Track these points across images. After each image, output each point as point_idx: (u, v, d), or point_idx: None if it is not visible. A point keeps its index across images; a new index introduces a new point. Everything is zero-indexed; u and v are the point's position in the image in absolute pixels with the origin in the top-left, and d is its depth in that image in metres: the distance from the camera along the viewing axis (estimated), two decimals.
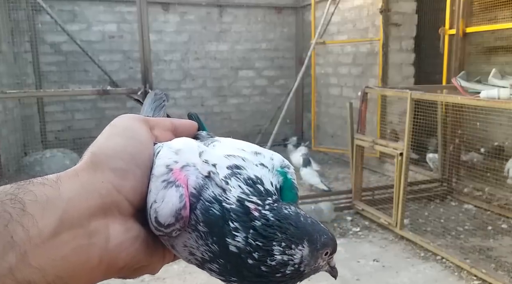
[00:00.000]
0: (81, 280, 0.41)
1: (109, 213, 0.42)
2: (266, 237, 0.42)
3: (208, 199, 0.43)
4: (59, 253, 0.38)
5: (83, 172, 0.43)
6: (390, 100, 5.28)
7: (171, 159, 0.46)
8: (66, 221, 0.39)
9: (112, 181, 0.43)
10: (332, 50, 6.72)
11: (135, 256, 0.44)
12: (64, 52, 6.49)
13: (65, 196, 0.40)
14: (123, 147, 0.46)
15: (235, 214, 0.42)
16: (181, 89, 7.31)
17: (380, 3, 5.35)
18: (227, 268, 0.43)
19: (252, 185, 0.44)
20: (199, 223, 0.43)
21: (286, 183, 0.50)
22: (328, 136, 7.01)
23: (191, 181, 0.44)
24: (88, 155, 0.45)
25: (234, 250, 0.42)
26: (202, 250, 0.44)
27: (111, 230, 0.42)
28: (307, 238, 0.43)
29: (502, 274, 2.98)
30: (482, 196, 4.34)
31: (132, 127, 0.49)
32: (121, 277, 0.48)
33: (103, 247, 0.41)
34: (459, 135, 4.33)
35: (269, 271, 0.42)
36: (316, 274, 0.48)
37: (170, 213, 0.43)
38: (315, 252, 0.44)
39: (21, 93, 5.10)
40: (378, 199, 4.26)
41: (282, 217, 0.43)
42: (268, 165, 0.48)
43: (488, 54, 4.43)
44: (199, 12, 7.20)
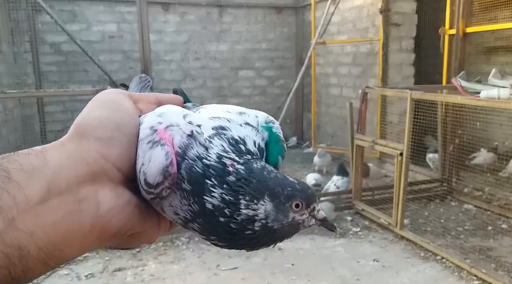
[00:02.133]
0: (74, 247, 0.41)
1: (98, 180, 0.42)
2: (235, 191, 0.42)
3: (192, 157, 0.44)
4: (49, 219, 0.38)
5: (68, 142, 0.44)
6: (390, 100, 5.28)
7: (155, 121, 0.46)
8: (53, 188, 0.39)
9: (98, 149, 0.44)
10: (332, 50, 6.72)
11: (127, 222, 0.44)
12: (64, 52, 6.49)
13: (52, 165, 0.40)
14: (107, 117, 0.46)
15: (213, 170, 0.43)
16: None
17: (380, 3, 5.35)
18: (205, 227, 0.44)
19: (235, 145, 0.45)
20: (183, 182, 0.43)
21: (271, 137, 0.51)
22: (328, 136, 7.01)
23: (176, 140, 0.44)
24: (72, 127, 0.46)
25: (210, 207, 0.42)
26: (185, 210, 0.44)
27: (101, 196, 0.42)
28: (268, 192, 0.43)
29: (502, 274, 2.98)
30: (482, 196, 4.34)
31: (115, 99, 0.49)
32: (118, 246, 0.48)
33: (94, 213, 0.41)
34: (459, 135, 4.33)
35: (238, 228, 0.43)
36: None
37: (158, 172, 0.43)
38: (281, 206, 0.43)
39: (21, 93, 5.10)
40: (378, 199, 4.25)
41: (250, 171, 0.43)
42: (253, 123, 0.49)
43: (488, 54, 4.43)
44: (199, 12, 7.20)
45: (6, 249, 0.36)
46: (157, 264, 3.27)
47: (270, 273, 3.12)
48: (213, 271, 3.15)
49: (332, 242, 3.64)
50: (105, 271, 3.17)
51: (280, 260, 3.32)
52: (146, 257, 3.38)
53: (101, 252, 3.44)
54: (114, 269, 3.19)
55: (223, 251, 3.44)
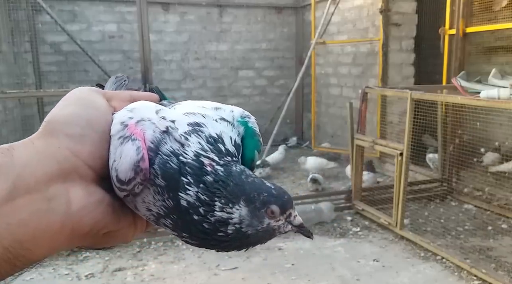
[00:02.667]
0: (43, 246, 0.40)
1: (69, 178, 0.41)
2: (212, 192, 0.42)
3: (166, 153, 0.43)
4: (15, 218, 0.37)
5: (37, 139, 0.43)
6: (390, 100, 5.28)
7: (125, 116, 0.45)
8: (20, 186, 0.38)
9: (68, 146, 0.42)
10: (332, 50, 6.72)
11: (100, 220, 0.43)
12: (64, 52, 6.49)
13: (19, 163, 0.39)
14: (78, 114, 0.45)
15: (190, 168, 0.42)
16: (181, 89, 7.31)
17: (380, 3, 5.35)
18: (178, 224, 0.43)
19: (213, 143, 0.44)
20: (157, 177, 0.43)
21: (247, 131, 0.50)
22: (328, 136, 7.01)
23: (148, 135, 0.44)
24: (42, 125, 0.45)
25: (185, 204, 0.42)
26: (159, 205, 0.43)
27: (72, 195, 0.41)
28: (243, 197, 0.42)
29: (502, 274, 2.98)
30: (482, 196, 4.34)
31: (87, 97, 0.48)
32: (92, 245, 0.47)
33: (64, 211, 0.40)
34: (459, 135, 4.33)
35: (211, 229, 0.42)
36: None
37: (129, 167, 0.42)
38: (256, 211, 0.42)
39: (21, 93, 5.10)
40: (378, 199, 4.25)
41: (228, 174, 0.43)
42: (228, 118, 0.49)
43: (488, 54, 4.43)
44: (199, 12, 7.20)
45: None
46: (157, 264, 3.27)
47: (270, 273, 3.12)
48: (213, 271, 3.15)
49: (332, 242, 3.64)
50: (105, 271, 3.17)
51: (280, 260, 3.32)
52: (146, 257, 3.38)
53: (101, 252, 3.45)
54: (114, 269, 3.19)
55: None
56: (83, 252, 3.43)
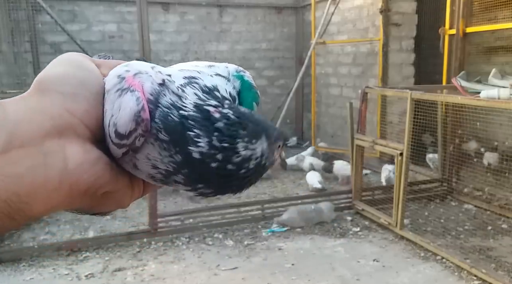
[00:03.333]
0: (41, 201, 0.39)
1: (64, 135, 0.40)
2: (230, 136, 0.41)
3: (166, 105, 0.42)
4: (12, 170, 0.37)
5: (29, 97, 0.41)
6: (390, 100, 5.29)
7: (122, 70, 0.44)
8: (15, 140, 0.38)
9: (63, 104, 0.41)
10: (332, 50, 6.72)
11: (98, 178, 0.42)
12: (64, 52, 6.44)
13: (12, 118, 0.38)
14: (71, 73, 0.44)
15: (193, 120, 0.41)
16: None
17: (380, 3, 5.35)
18: (191, 177, 0.42)
19: (208, 92, 0.44)
20: (160, 131, 0.42)
21: (244, 84, 0.50)
22: (328, 136, 7.01)
23: (147, 87, 0.43)
24: (33, 83, 0.43)
25: (197, 156, 0.41)
26: (166, 162, 0.42)
27: (69, 151, 0.40)
28: (265, 133, 0.43)
29: (502, 274, 2.98)
30: (482, 196, 4.34)
31: (77, 59, 0.47)
32: (90, 208, 0.46)
33: (62, 167, 0.39)
34: (459, 135, 4.33)
35: (234, 169, 0.42)
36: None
37: (129, 118, 0.41)
38: (272, 145, 0.44)
39: (21, 93, 5.09)
40: (378, 199, 4.25)
41: (240, 114, 0.43)
42: (223, 73, 0.48)
43: (488, 54, 4.43)
44: (199, 12, 7.20)
45: None
46: (157, 264, 3.27)
47: (270, 273, 3.12)
48: (213, 271, 3.15)
49: (332, 242, 3.64)
50: (105, 271, 3.17)
51: (280, 260, 3.32)
52: (146, 257, 3.38)
53: (101, 252, 3.45)
54: (114, 269, 3.19)
55: (223, 251, 3.44)
56: (83, 252, 3.44)
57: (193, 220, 3.86)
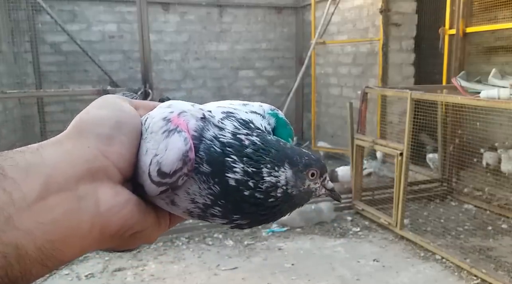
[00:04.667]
0: (74, 246, 0.40)
1: (97, 178, 0.41)
2: (256, 161, 0.43)
3: (209, 138, 0.44)
4: (48, 217, 0.37)
5: (66, 139, 0.43)
6: (390, 100, 5.28)
7: (166, 112, 0.46)
8: (52, 185, 0.38)
9: (98, 146, 0.42)
10: (332, 50, 6.72)
11: (128, 220, 0.43)
12: (64, 52, 6.49)
13: (49, 162, 0.39)
14: (107, 115, 0.45)
15: (231, 146, 0.44)
16: (181, 89, 7.31)
17: (380, 3, 5.35)
18: (228, 208, 0.44)
19: (244, 124, 0.47)
20: (202, 164, 0.43)
21: (279, 122, 0.53)
22: (328, 136, 7.01)
23: (191, 125, 0.45)
24: (70, 124, 0.45)
25: (233, 183, 0.43)
26: (205, 195, 0.44)
27: (101, 194, 0.41)
28: (287, 160, 0.45)
29: (502, 274, 2.98)
30: (482, 196, 4.34)
31: (114, 101, 0.48)
32: (118, 247, 0.46)
33: (94, 211, 0.40)
34: (459, 135, 4.33)
35: (263, 197, 0.44)
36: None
37: (177, 158, 0.42)
38: (299, 173, 0.45)
39: (21, 93, 5.10)
40: (378, 199, 4.25)
41: (265, 142, 0.45)
42: (258, 111, 0.51)
43: (488, 54, 4.43)
44: (199, 12, 7.20)
45: (3, 248, 0.35)
46: (157, 264, 3.27)
47: (270, 273, 3.12)
48: (213, 271, 3.15)
49: (332, 242, 3.64)
50: (105, 271, 3.17)
51: (280, 260, 3.32)
52: (146, 257, 3.38)
53: (101, 252, 3.45)
54: (114, 269, 3.19)
55: (223, 251, 3.44)
56: None
57: (193, 220, 3.86)
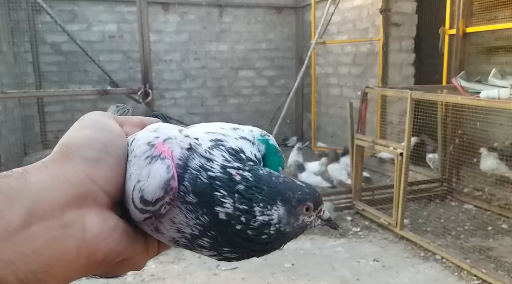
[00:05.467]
0: (59, 276, 0.38)
1: (84, 204, 0.40)
2: (248, 199, 0.42)
3: (195, 168, 0.43)
4: (30, 246, 0.36)
5: (52, 163, 0.41)
6: (390, 100, 5.28)
7: (151, 136, 0.45)
8: (36, 212, 0.37)
9: (84, 170, 0.41)
10: (332, 50, 6.72)
11: (115, 247, 0.42)
12: (64, 52, 6.49)
13: (34, 188, 0.38)
14: (94, 137, 0.44)
15: (220, 181, 0.42)
16: (181, 89, 7.31)
17: (380, 3, 5.35)
18: (218, 240, 0.43)
19: (234, 154, 0.45)
20: (188, 194, 0.42)
21: (269, 149, 0.51)
22: (328, 136, 7.01)
23: (176, 153, 0.43)
24: (56, 147, 0.43)
25: (224, 217, 0.41)
26: (192, 225, 0.42)
27: (88, 221, 0.40)
28: (279, 198, 0.43)
29: (502, 274, 2.98)
30: (482, 196, 4.34)
31: (101, 120, 0.47)
32: (104, 274, 0.45)
33: (80, 238, 0.39)
34: (459, 135, 4.33)
35: (255, 234, 0.42)
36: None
37: (158, 186, 0.41)
38: (292, 210, 0.44)
39: (21, 93, 5.10)
40: (378, 199, 4.25)
41: (258, 178, 0.43)
42: (248, 137, 0.49)
43: (488, 54, 4.43)
44: (199, 12, 7.20)
45: None
46: (157, 264, 3.27)
47: (270, 273, 3.12)
48: (213, 271, 3.15)
49: (332, 242, 3.64)
50: (98, 278, 3.16)
51: (280, 260, 3.32)
52: None
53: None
54: None
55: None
56: None
57: None
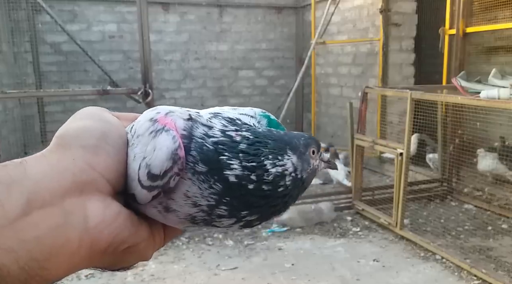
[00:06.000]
0: (61, 264, 0.38)
1: (86, 191, 0.39)
2: (254, 154, 0.42)
3: (200, 136, 0.43)
4: (31, 234, 0.35)
5: (50, 153, 0.41)
6: (390, 100, 5.28)
7: (152, 113, 0.45)
8: (35, 200, 0.36)
9: (84, 158, 0.40)
10: (332, 50, 6.72)
11: (119, 234, 0.41)
12: (64, 52, 6.49)
13: (32, 176, 0.37)
14: (91, 126, 0.44)
15: (223, 144, 0.42)
16: (181, 89, 7.31)
17: (380, 3, 5.35)
18: (234, 205, 0.42)
19: (231, 121, 0.45)
20: (197, 164, 0.41)
21: (271, 122, 0.51)
22: (328, 136, 7.01)
23: (179, 124, 0.43)
24: (54, 138, 0.43)
25: (234, 179, 0.41)
26: (207, 195, 0.42)
27: (90, 208, 0.39)
28: (288, 147, 0.44)
29: (502, 274, 2.98)
30: (482, 196, 4.34)
31: (97, 112, 0.47)
32: (111, 265, 0.44)
33: (82, 227, 0.38)
34: (459, 135, 4.33)
35: (271, 188, 0.42)
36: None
37: (166, 157, 0.40)
38: (302, 155, 0.45)
39: (21, 93, 5.10)
40: (378, 199, 4.25)
41: (258, 134, 0.44)
42: (248, 113, 0.50)
43: (488, 54, 4.43)
44: (199, 12, 7.20)
45: None
46: (157, 264, 3.27)
47: (270, 273, 3.12)
48: (213, 271, 3.15)
49: (332, 242, 3.64)
50: (105, 271, 3.16)
51: (280, 260, 3.32)
52: None
53: None
54: None
55: (223, 251, 3.44)
56: None
57: None
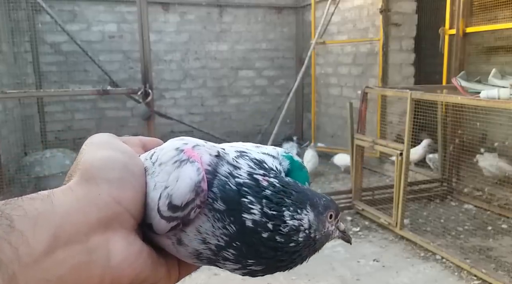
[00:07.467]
0: None
1: (110, 227, 0.39)
2: (277, 203, 0.42)
3: (224, 174, 0.42)
4: (55, 273, 0.35)
5: (77, 186, 0.40)
6: (390, 100, 5.28)
7: (179, 143, 0.45)
8: (61, 237, 0.36)
9: (109, 193, 0.40)
10: (332, 50, 6.72)
11: (140, 272, 0.41)
12: (64, 52, 6.48)
13: (59, 211, 0.37)
14: (113, 157, 0.43)
15: (248, 187, 0.42)
16: (181, 89, 7.31)
17: (380, 3, 5.35)
18: (242, 251, 0.42)
19: (258, 164, 0.45)
20: (216, 201, 0.41)
21: (294, 164, 0.50)
22: (328, 136, 7.01)
23: (205, 159, 0.43)
24: (78, 172, 0.42)
25: (250, 225, 0.41)
26: (218, 234, 0.41)
27: (113, 245, 0.39)
28: (308, 202, 0.43)
29: (502, 274, 2.98)
30: (482, 196, 4.34)
31: (112, 141, 0.46)
32: None
33: (105, 264, 0.38)
34: (459, 135, 4.33)
35: (283, 241, 0.42)
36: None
37: (189, 189, 0.40)
38: (320, 215, 0.44)
39: (21, 93, 5.09)
40: (378, 199, 4.25)
41: (285, 183, 0.43)
42: (271, 153, 0.49)
43: (488, 54, 4.43)
44: (199, 12, 7.20)
45: None
46: None
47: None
48: (213, 271, 3.15)
49: (332, 242, 3.62)
50: None
51: None
52: None
53: None
54: None
55: None
56: None
57: None
